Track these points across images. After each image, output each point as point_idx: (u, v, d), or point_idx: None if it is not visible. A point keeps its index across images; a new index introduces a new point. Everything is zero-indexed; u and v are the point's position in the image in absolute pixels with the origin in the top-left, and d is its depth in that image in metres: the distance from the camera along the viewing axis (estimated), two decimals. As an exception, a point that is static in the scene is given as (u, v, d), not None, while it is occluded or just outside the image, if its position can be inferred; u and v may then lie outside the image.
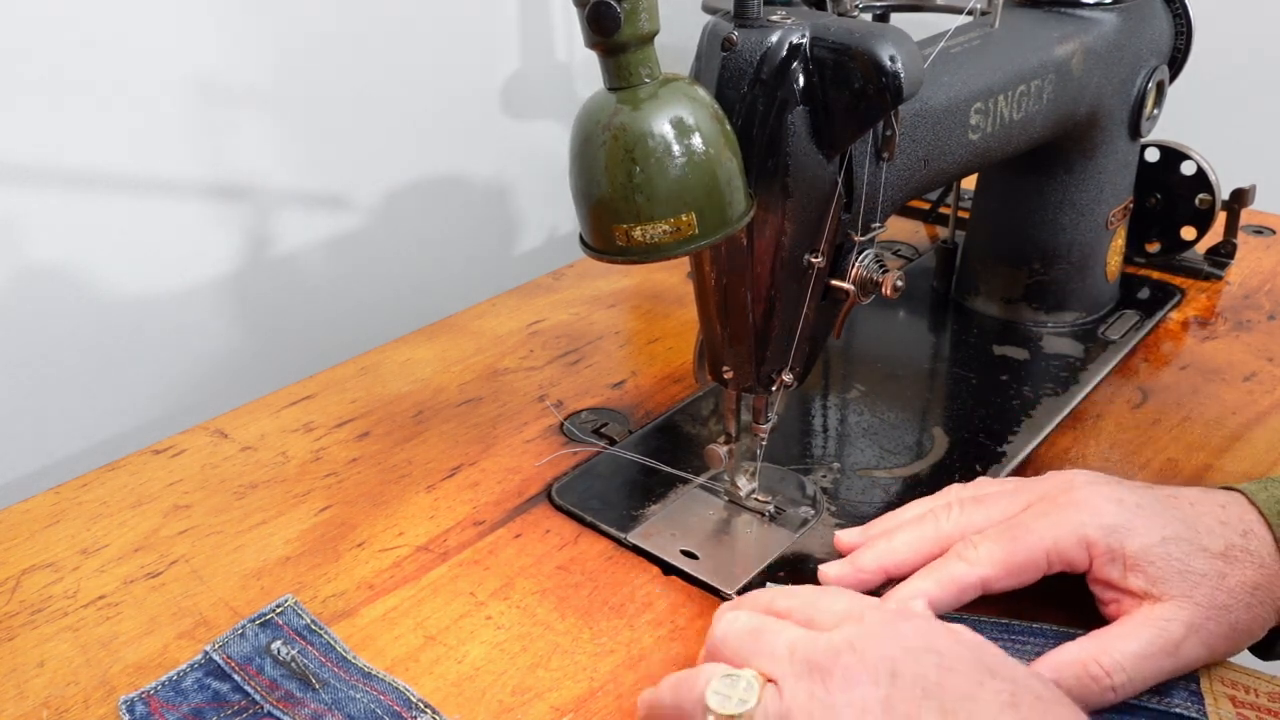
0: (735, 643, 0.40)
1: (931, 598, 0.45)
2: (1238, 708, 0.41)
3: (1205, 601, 0.42)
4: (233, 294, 0.85)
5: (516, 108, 1.04)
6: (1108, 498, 0.45)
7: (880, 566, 0.48)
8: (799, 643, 0.38)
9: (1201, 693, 0.42)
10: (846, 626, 0.38)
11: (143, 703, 0.46)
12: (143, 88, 0.75)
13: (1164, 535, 0.43)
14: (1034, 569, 0.45)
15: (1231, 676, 0.43)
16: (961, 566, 0.45)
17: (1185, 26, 0.71)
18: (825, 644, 0.37)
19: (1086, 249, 0.72)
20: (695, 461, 0.60)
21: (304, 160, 0.87)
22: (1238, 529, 0.44)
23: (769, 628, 0.40)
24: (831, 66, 0.44)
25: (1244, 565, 0.43)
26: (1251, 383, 0.66)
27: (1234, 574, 0.42)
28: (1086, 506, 0.45)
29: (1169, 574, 0.42)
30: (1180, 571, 0.42)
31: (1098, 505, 0.45)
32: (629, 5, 0.39)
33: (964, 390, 0.68)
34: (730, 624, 0.41)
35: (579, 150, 0.43)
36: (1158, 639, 0.42)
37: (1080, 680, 0.42)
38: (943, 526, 0.48)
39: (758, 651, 0.39)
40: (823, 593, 0.42)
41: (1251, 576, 0.42)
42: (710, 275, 0.51)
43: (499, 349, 0.76)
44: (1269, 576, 0.43)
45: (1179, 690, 0.43)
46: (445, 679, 0.47)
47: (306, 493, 0.61)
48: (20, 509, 0.61)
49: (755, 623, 0.40)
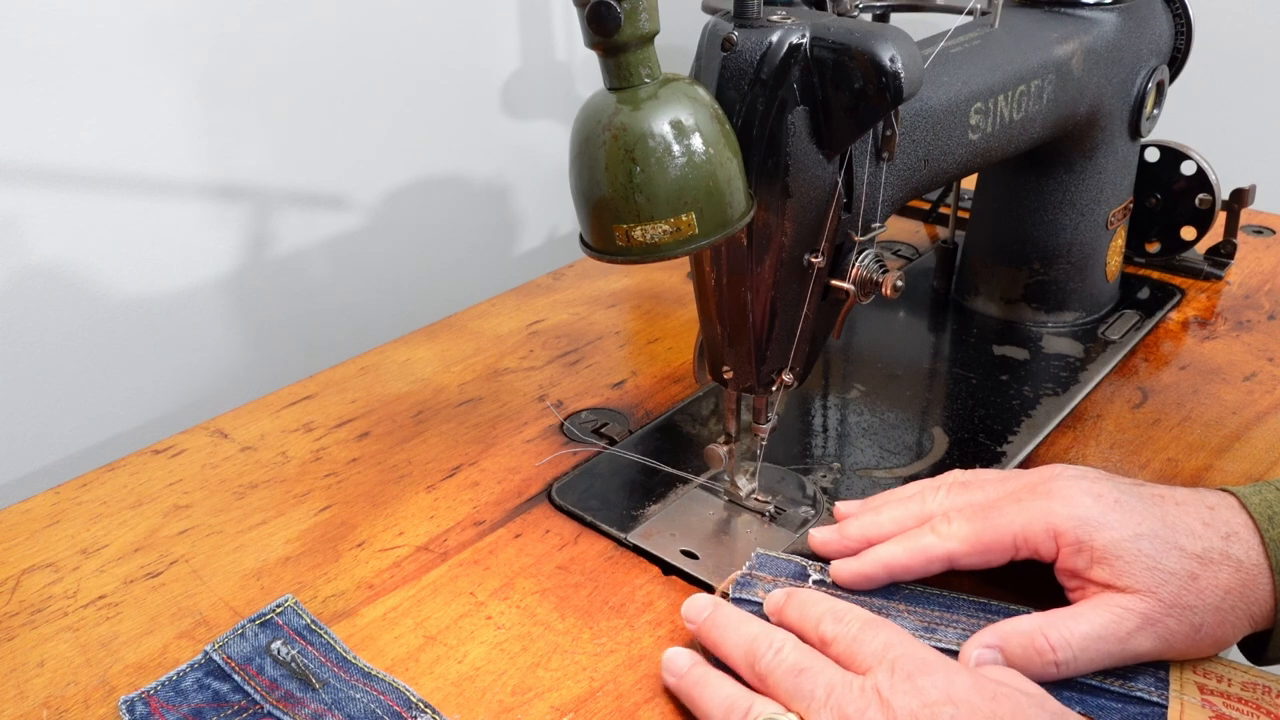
0: (779, 677, 0.42)
1: (899, 563, 0.48)
2: (1204, 694, 0.42)
3: (1169, 599, 0.42)
4: (233, 294, 0.85)
5: (516, 108, 1.04)
6: (1085, 491, 0.46)
7: (864, 536, 0.50)
8: (835, 690, 0.40)
9: (1168, 679, 0.43)
10: (878, 673, 0.40)
11: (143, 703, 0.46)
12: (143, 87, 0.75)
13: (1137, 532, 0.44)
14: (1001, 550, 0.46)
15: (1206, 666, 0.43)
16: (931, 538, 0.47)
17: (1185, 26, 0.71)
18: (857, 695, 0.39)
19: (1086, 249, 0.72)
20: (695, 461, 0.60)
21: (304, 160, 0.87)
22: (1221, 531, 0.44)
23: (811, 668, 0.41)
24: (831, 66, 0.44)
25: (1220, 569, 0.43)
26: (1251, 383, 0.66)
27: (1206, 576, 0.43)
28: (1060, 497, 0.46)
29: (1136, 569, 0.43)
30: (1148, 568, 0.43)
31: (1073, 497, 0.45)
32: (629, 5, 0.39)
33: (964, 390, 0.68)
34: (778, 656, 0.42)
35: (579, 150, 0.43)
36: (1109, 625, 0.43)
37: (1025, 651, 0.43)
38: (927, 505, 0.50)
39: (798, 692, 0.41)
40: (865, 625, 0.43)
41: (1225, 581, 0.43)
42: (710, 275, 0.51)
43: (499, 349, 0.76)
44: (1245, 582, 0.43)
45: (1145, 675, 0.43)
46: (445, 679, 0.47)
47: (306, 493, 0.61)
48: (20, 509, 0.61)
49: (799, 660, 0.42)
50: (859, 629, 0.42)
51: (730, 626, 0.45)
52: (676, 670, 0.45)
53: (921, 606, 0.48)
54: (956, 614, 0.47)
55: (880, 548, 0.48)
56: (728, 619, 0.46)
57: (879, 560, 0.48)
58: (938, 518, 0.48)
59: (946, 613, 0.47)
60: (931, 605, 0.48)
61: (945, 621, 0.47)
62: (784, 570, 0.51)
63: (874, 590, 0.49)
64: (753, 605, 0.49)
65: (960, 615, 0.47)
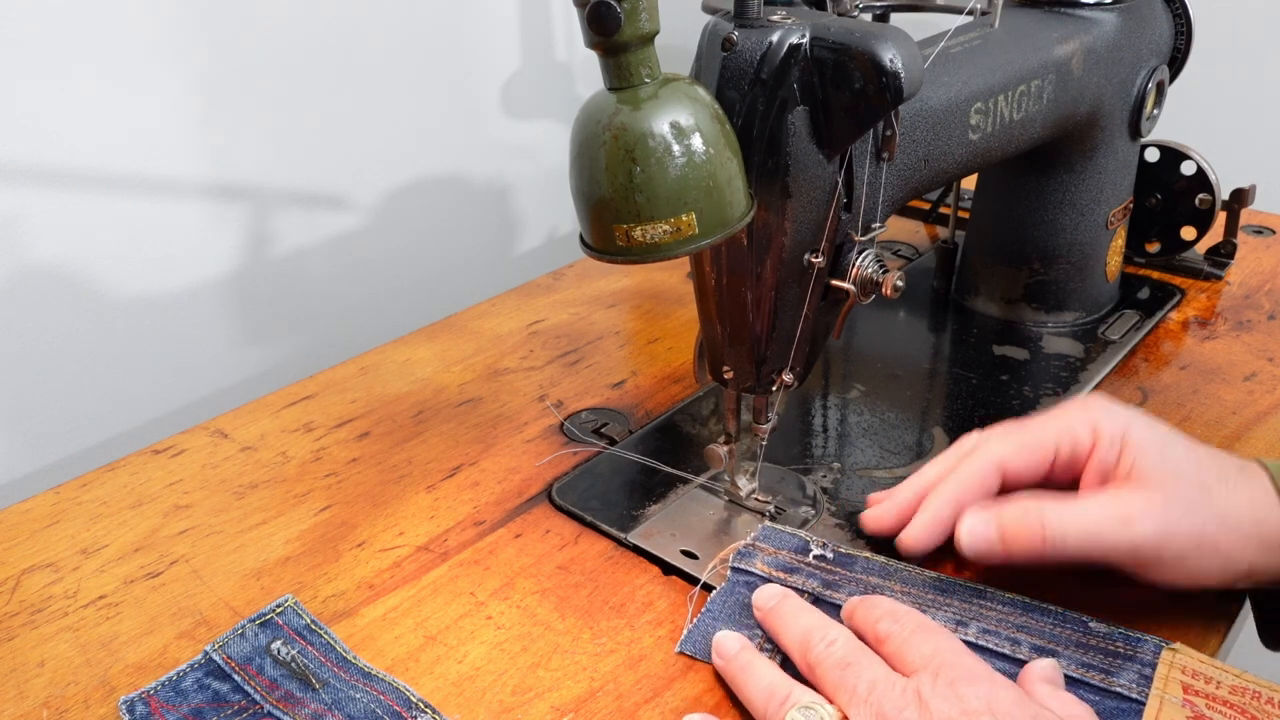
0: (826, 669, 0.42)
1: (954, 492, 0.49)
2: (1187, 694, 0.42)
3: (1180, 498, 0.44)
4: (233, 294, 0.85)
5: (516, 108, 1.04)
6: (1121, 405, 0.49)
7: (915, 490, 0.51)
8: (877, 687, 0.40)
9: (1153, 677, 0.43)
10: (922, 676, 0.40)
11: (143, 703, 0.46)
12: (143, 87, 0.75)
13: (1165, 441, 0.47)
14: (1044, 448, 0.49)
15: (1196, 667, 0.43)
16: (973, 458, 0.50)
17: (1185, 26, 0.71)
18: (898, 695, 0.39)
19: (1086, 249, 0.72)
20: (695, 461, 0.60)
21: (304, 160, 0.87)
22: (1238, 464, 0.46)
23: (857, 663, 0.42)
24: (831, 66, 0.44)
25: (1234, 488, 0.45)
26: (1251, 383, 0.66)
27: (1219, 490, 0.45)
28: (1098, 404, 0.49)
29: (1158, 468, 0.45)
30: (1169, 469, 0.45)
31: (1113, 407, 0.49)
32: (629, 5, 0.39)
33: (964, 390, 0.68)
34: (829, 649, 0.43)
35: (579, 150, 0.43)
36: (1110, 507, 0.45)
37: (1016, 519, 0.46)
38: (964, 446, 0.52)
39: (842, 684, 0.41)
40: (918, 629, 0.43)
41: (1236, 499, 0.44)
42: (710, 275, 0.51)
43: (499, 349, 0.76)
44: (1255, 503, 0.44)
45: (1129, 670, 0.43)
46: (445, 679, 0.47)
47: (306, 493, 0.61)
48: (20, 509, 0.61)
49: (847, 654, 0.42)
50: (911, 631, 0.43)
51: (790, 616, 0.46)
52: (725, 653, 0.46)
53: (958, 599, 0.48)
54: (951, 599, 0.48)
55: (935, 495, 0.50)
56: (791, 609, 0.47)
57: (940, 499, 0.49)
58: (978, 439, 0.51)
59: (940, 596, 0.48)
60: (927, 588, 0.49)
61: (939, 605, 0.48)
62: (787, 543, 0.52)
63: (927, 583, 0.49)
64: (751, 576, 0.50)
65: (955, 600, 0.48)
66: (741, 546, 0.52)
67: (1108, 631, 0.45)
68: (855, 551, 0.51)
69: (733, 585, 0.50)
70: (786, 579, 0.50)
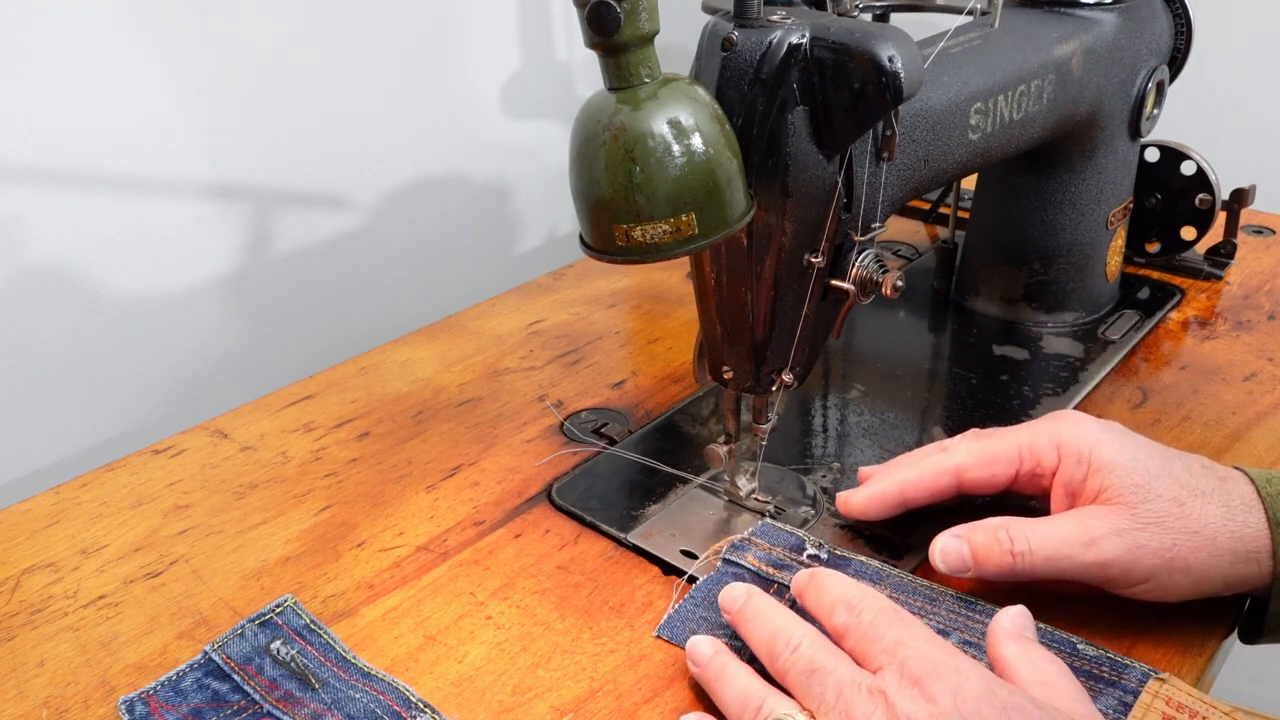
0: (794, 677, 0.42)
1: (909, 480, 0.51)
2: None
3: (1148, 517, 0.44)
4: (233, 294, 0.85)
5: (516, 108, 1.04)
6: (1093, 421, 0.48)
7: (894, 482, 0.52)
8: (844, 692, 0.40)
9: (1134, 705, 0.42)
10: (887, 675, 0.39)
11: (142, 703, 0.46)
12: (143, 87, 0.75)
13: (1136, 455, 0.46)
14: (1006, 461, 0.49)
15: (1182, 700, 0.41)
16: (940, 455, 0.51)
17: (1185, 26, 0.71)
18: (865, 699, 0.39)
19: (1086, 249, 0.72)
20: (695, 461, 0.60)
21: (304, 160, 0.87)
22: (1219, 474, 0.46)
23: (822, 667, 0.41)
24: (831, 66, 0.44)
25: (1208, 502, 0.44)
26: (1251, 383, 0.66)
27: (1192, 505, 0.44)
28: (1069, 420, 0.49)
29: (1126, 485, 0.45)
30: (1138, 485, 0.45)
31: (1082, 421, 0.49)
32: (629, 5, 0.39)
33: (964, 390, 0.68)
34: (794, 655, 0.42)
35: (579, 150, 0.43)
36: (1075, 530, 0.45)
37: (986, 539, 0.46)
38: (944, 444, 0.53)
39: (809, 692, 0.41)
40: (877, 616, 0.42)
41: (1210, 512, 0.44)
42: (710, 275, 0.51)
43: (499, 349, 0.76)
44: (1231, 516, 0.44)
45: (1107, 696, 0.42)
46: (445, 679, 0.47)
47: (306, 493, 0.61)
48: (20, 509, 0.61)
49: (813, 659, 0.41)
50: (870, 621, 0.42)
51: (756, 619, 0.45)
52: (700, 659, 0.45)
53: (944, 608, 0.47)
54: (938, 608, 0.48)
55: (893, 475, 0.52)
56: (756, 610, 0.45)
57: (893, 480, 0.51)
58: (950, 442, 0.52)
59: (929, 604, 0.48)
60: (916, 595, 0.48)
61: (925, 613, 0.47)
62: (783, 541, 0.52)
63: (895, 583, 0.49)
64: (740, 568, 0.50)
65: (941, 610, 0.47)
66: (737, 539, 0.52)
67: (1095, 655, 0.44)
68: (850, 554, 0.51)
69: (720, 575, 0.50)
70: (775, 575, 0.50)
